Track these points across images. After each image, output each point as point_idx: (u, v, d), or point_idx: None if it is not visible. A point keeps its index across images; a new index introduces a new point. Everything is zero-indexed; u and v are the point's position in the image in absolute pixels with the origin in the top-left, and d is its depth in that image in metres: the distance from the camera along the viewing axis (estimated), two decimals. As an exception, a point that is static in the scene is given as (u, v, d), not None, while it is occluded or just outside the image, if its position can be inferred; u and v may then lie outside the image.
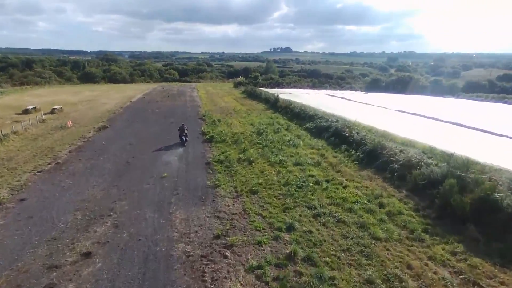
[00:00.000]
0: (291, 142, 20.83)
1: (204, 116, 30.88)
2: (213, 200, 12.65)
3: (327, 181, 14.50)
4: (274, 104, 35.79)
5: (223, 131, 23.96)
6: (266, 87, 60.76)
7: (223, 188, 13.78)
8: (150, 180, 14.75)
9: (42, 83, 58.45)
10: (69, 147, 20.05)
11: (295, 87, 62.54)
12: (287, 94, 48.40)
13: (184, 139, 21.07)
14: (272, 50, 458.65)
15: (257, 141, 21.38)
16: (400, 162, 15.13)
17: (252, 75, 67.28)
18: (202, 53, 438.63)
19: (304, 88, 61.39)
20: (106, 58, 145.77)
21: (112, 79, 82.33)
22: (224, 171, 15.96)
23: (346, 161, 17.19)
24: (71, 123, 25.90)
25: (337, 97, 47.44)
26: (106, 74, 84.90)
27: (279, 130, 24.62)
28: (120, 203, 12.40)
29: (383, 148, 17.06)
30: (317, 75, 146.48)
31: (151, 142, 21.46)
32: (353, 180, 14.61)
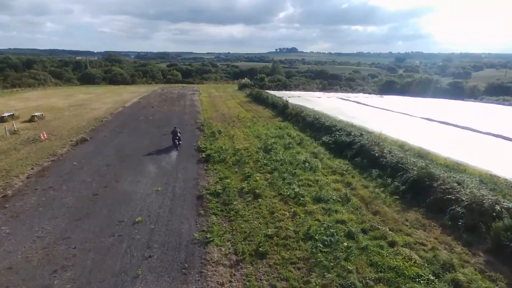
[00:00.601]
0: (307, 164, 16.50)
1: (203, 125, 26.70)
2: (201, 272, 8.40)
3: (365, 232, 10.21)
4: (283, 111, 31.47)
5: (224, 147, 19.75)
6: (273, 90, 56.48)
7: (217, 245, 9.54)
8: (117, 228, 10.57)
9: (35, 85, 54.79)
10: (31, 169, 15.95)
11: (303, 89, 58.18)
12: (296, 97, 44.10)
13: (177, 142, 20.12)
14: (278, 50, 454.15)
15: (265, 161, 17.11)
16: (465, 204, 10.77)
17: (258, 76, 63.05)
18: (207, 53, 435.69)
19: (313, 91, 56.99)
20: (110, 59, 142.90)
21: (113, 80, 78.59)
22: (221, 211, 11.74)
23: (383, 196, 12.85)
24: (45, 136, 21.83)
25: (351, 101, 42.98)
26: (107, 75, 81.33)
27: (291, 145, 20.32)
28: (62, 276, 8.23)
29: (432, 179, 12.70)
30: (325, 76, 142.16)
31: (134, 162, 17.31)
32: (401, 231, 10.28)
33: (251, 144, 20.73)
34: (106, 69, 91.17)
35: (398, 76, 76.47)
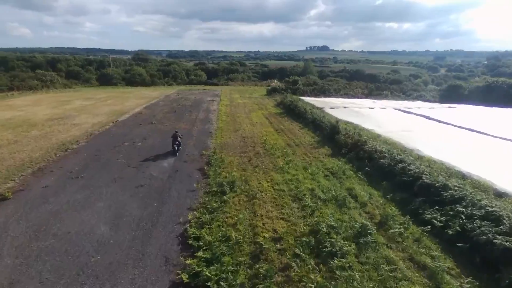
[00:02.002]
0: None
1: (210, 161, 16.84)
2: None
3: None
4: (331, 136, 20.94)
5: (234, 236, 9.76)
6: (308, 95, 45.76)
7: None
8: None
9: (38, 87, 47.56)
10: None
11: (346, 95, 46.99)
12: (340, 108, 33.29)
13: (176, 148, 18.00)
14: (308, 48, 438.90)
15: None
16: None
17: (291, 79, 52.36)
18: (237, 51, 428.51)
19: (358, 97, 45.68)
20: (138, 58, 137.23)
21: (131, 81, 71.07)
22: None
23: None
24: None
25: (416, 114, 31.55)
26: (126, 75, 73.97)
27: (367, 232, 9.92)
28: None
29: None
30: (361, 76, 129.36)
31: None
32: None
33: (286, 221, 10.68)
34: (126, 68, 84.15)
35: (472, 80, 62.76)
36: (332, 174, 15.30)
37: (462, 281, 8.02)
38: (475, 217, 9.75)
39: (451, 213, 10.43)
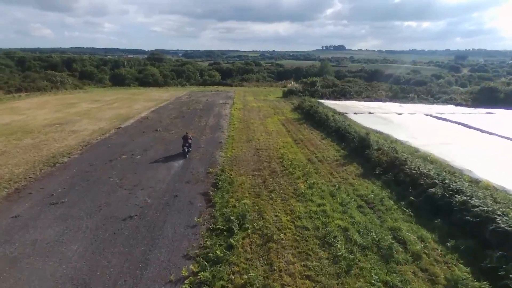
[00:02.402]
0: None
1: (217, 183, 14.00)
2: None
3: None
4: (361, 150, 17.76)
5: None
6: (327, 98, 42.43)
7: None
8: None
9: (47, 88, 45.95)
10: None
11: (368, 97, 43.35)
12: (366, 114, 29.95)
13: (187, 149, 17.49)
14: (324, 48, 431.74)
15: None
16: None
17: (308, 80, 48.99)
18: (252, 51, 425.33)
19: (382, 100, 41.99)
20: (153, 57, 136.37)
21: (143, 81, 69.26)
22: None
23: None
24: None
25: (452, 122, 27.88)
26: (140, 75, 72.26)
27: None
28: None
29: None
30: (379, 76, 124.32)
31: None
32: None
33: (314, 282, 7.80)
34: (140, 68, 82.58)
35: (500, 82, 57.90)
36: (367, 203, 12.20)
37: None
38: None
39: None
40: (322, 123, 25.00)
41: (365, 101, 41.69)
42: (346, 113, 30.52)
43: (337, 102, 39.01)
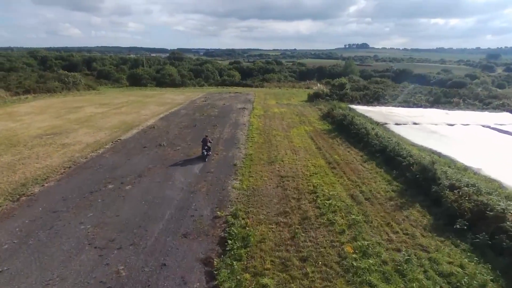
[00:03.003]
0: None
1: (224, 239, 9.73)
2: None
3: None
4: (424, 184, 12.93)
5: None
6: (358, 103, 37.34)
7: None
8: None
9: (57, 89, 43.18)
10: None
11: (405, 102, 37.76)
12: (410, 125, 24.87)
13: (206, 153, 16.78)
14: (347, 46, 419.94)
15: None
16: None
17: (336, 82, 43.65)
18: (273, 50, 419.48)
19: (422, 106, 36.34)
20: (173, 57, 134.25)
21: (160, 82, 66.14)
22: None
23: None
24: None
25: (522, 138, 22.30)
26: (157, 75, 69.20)
27: None
28: None
29: None
30: (408, 76, 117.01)
31: None
32: None
33: None
34: (159, 68, 79.73)
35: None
36: (462, 294, 7.52)
37: None
38: None
39: None
40: (361, 138, 20.19)
41: (403, 106, 36.24)
42: (386, 123, 25.51)
43: (370, 108, 33.86)
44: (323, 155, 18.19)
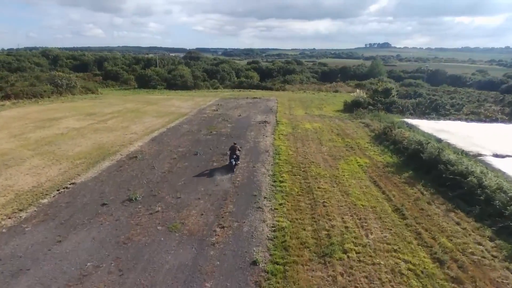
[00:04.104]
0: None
1: None
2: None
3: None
4: None
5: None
6: (411, 114, 28.46)
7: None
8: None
9: (45, 94, 36.24)
10: None
11: (475, 115, 28.45)
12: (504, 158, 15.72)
13: (234, 162, 14.79)
14: (368, 46, 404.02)
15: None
16: None
17: (379, 86, 34.40)
18: (292, 49, 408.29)
19: (499, 120, 27.05)
20: (190, 56, 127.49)
21: (171, 83, 58.81)
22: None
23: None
24: None
25: None
26: (168, 75, 61.88)
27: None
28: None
29: None
30: (442, 77, 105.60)
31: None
32: None
33: None
34: (171, 68, 72.58)
35: None
36: None
37: None
38: None
39: None
40: (469, 192, 11.54)
41: (471, 120, 27.09)
42: (479, 154, 16.68)
43: (433, 123, 24.91)
44: (415, 232, 9.75)
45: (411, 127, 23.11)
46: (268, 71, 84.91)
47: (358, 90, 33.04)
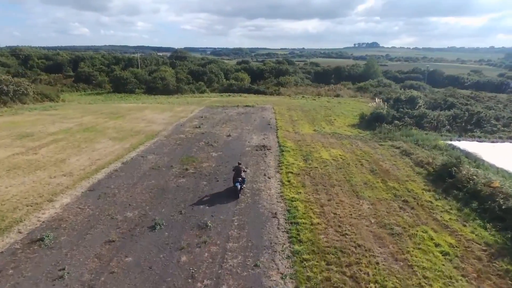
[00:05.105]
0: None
1: None
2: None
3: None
4: None
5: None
6: (448, 131, 21.57)
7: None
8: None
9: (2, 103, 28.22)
10: None
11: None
12: None
13: (239, 186, 12.00)
14: (356, 45, 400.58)
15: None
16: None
17: (403, 94, 26.92)
18: (281, 49, 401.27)
19: None
20: (176, 56, 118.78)
21: (151, 87, 50.93)
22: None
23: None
24: None
25: None
26: (149, 77, 53.78)
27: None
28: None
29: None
30: (439, 78, 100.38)
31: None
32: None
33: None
34: (153, 69, 64.46)
35: None
36: None
37: None
38: None
39: None
40: None
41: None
42: None
43: (489, 147, 18.12)
44: None
45: (467, 156, 16.25)
46: (260, 72, 77.58)
47: (377, 100, 26.02)
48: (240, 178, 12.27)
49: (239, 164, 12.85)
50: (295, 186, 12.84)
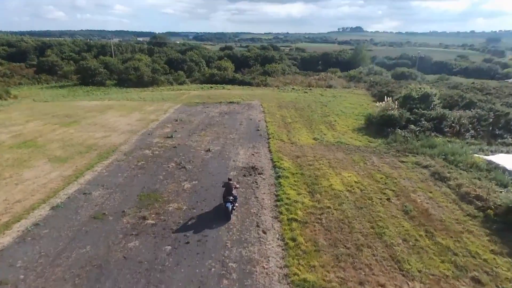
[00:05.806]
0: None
1: None
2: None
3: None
4: None
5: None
6: (473, 138, 17.53)
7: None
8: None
9: None
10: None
11: None
12: None
13: (230, 207, 10.16)
14: (341, 30, 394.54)
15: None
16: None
17: (415, 92, 22.63)
18: (265, 33, 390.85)
19: None
20: (155, 42, 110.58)
21: (123, 79, 45.00)
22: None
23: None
24: None
25: None
26: (121, 67, 47.51)
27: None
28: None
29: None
30: (427, 64, 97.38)
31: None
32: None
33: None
34: (127, 57, 57.81)
35: None
36: None
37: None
38: None
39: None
40: None
41: None
42: None
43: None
44: None
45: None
46: (244, 59, 71.92)
47: (386, 98, 21.67)
48: (232, 197, 10.40)
49: (230, 180, 10.94)
50: (305, 251, 8.43)
